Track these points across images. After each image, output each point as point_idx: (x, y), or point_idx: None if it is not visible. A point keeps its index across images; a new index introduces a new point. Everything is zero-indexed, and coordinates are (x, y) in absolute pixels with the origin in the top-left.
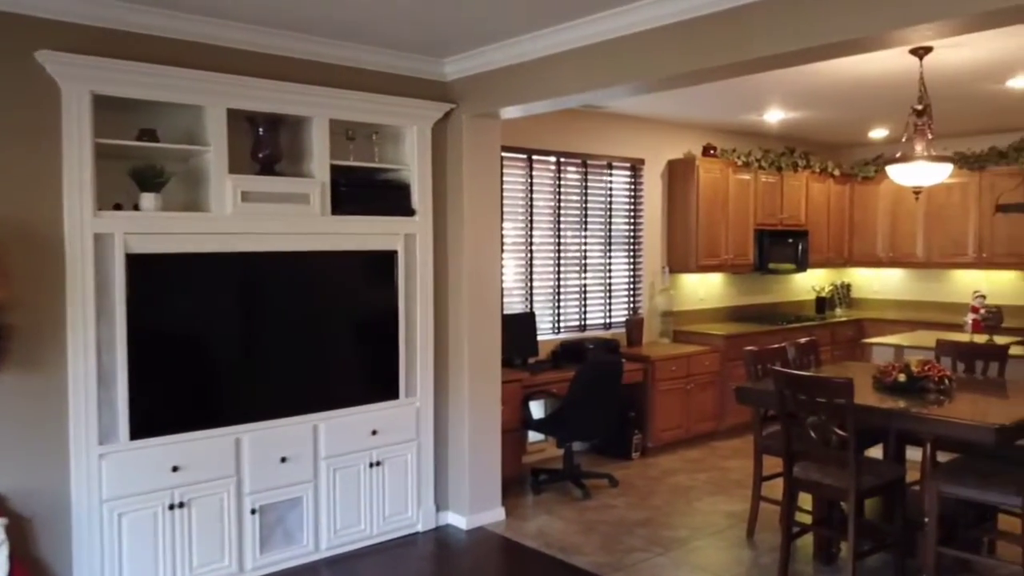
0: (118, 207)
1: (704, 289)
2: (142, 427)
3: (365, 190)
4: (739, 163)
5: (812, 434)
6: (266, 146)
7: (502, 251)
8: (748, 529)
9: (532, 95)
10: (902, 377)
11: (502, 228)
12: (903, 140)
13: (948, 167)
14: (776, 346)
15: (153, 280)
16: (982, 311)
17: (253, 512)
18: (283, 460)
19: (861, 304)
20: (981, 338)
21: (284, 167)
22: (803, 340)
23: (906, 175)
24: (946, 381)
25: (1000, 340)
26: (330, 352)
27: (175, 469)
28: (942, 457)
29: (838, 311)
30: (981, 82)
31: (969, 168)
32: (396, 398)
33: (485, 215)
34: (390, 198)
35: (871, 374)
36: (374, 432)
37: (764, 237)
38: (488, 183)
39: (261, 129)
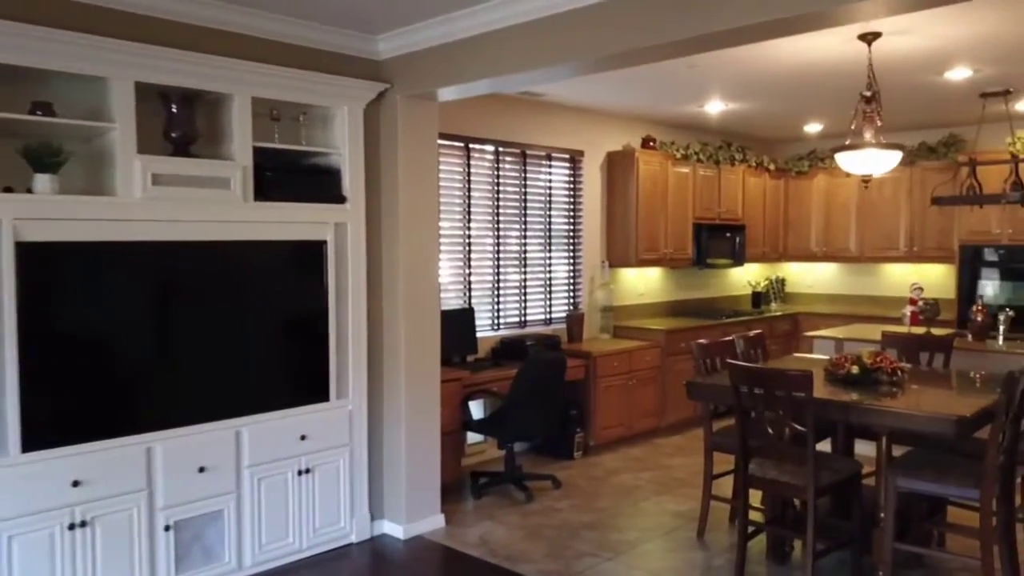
0: (8, 190)
1: (643, 284)
2: (36, 438)
3: (291, 175)
4: (678, 156)
5: (769, 430)
6: (180, 125)
7: (439, 243)
8: (699, 529)
9: (471, 74)
10: (855, 369)
11: (439, 218)
12: (852, 127)
13: (898, 154)
14: (725, 339)
15: (50, 272)
16: (920, 303)
17: (167, 529)
18: (201, 470)
19: (795, 299)
20: (919, 330)
21: (201, 148)
22: (751, 333)
23: (855, 163)
24: (899, 373)
25: (937, 332)
26: (254, 351)
27: (76, 484)
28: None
29: (773, 306)
30: (921, 73)
31: (900, 163)
32: (326, 400)
33: (422, 203)
34: (319, 184)
35: (822, 367)
36: (303, 437)
37: (702, 231)
38: (425, 169)
39: (175, 106)
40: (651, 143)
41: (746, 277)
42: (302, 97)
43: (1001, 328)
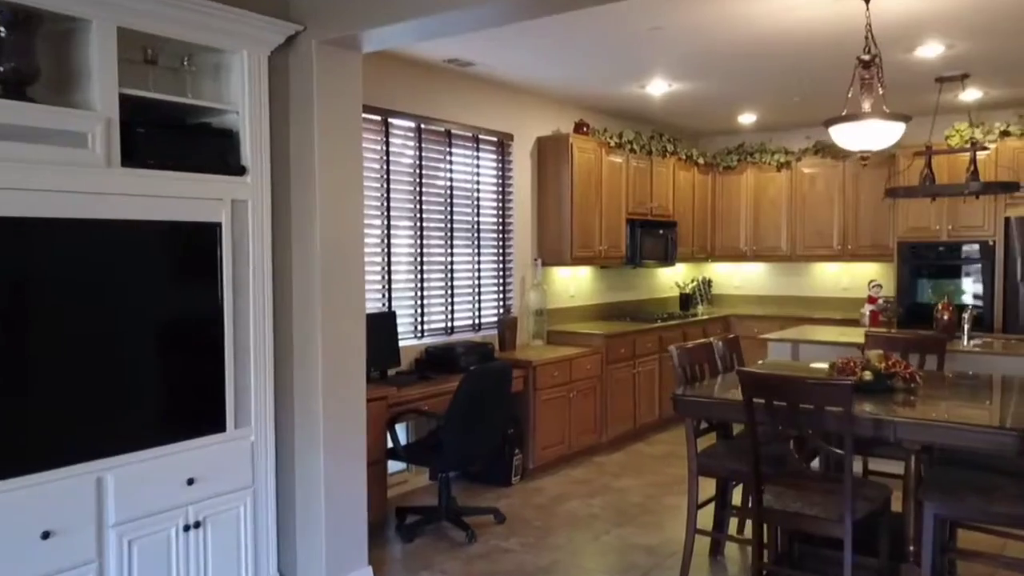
0: None
1: (574, 285)
2: None
3: (173, 135)
4: (612, 144)
5: (795, 453)
6: (12, 55)
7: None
8: (682, 569)
9: (406, 9)
10: (868, 375)
11: (364, 199)
12: (848, 95)
13: (901, 126)
14: (703, 342)
15: None
16: (880, 301)
17: None
18: (46, 536)
19: (721, 300)
20: (878, 330)
21: (44, 93)
22: (730, 336)
23: (852, 137)
24: (916, 379)
25: (895, 333)
26: (122, 369)
27: None
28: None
29: (700, 308)
30: (892, 49)
31: (833, 157)
32: (222, 430)
33: (344, 178)
34: (210, 149)
35: (822, 373)
36: (191, 481)
37: (636, 228)
38: (347, 137)
39: (3, 29)
40: (584, 128)
41: (672, 278)
42: (188, 34)
43: (966, 327)
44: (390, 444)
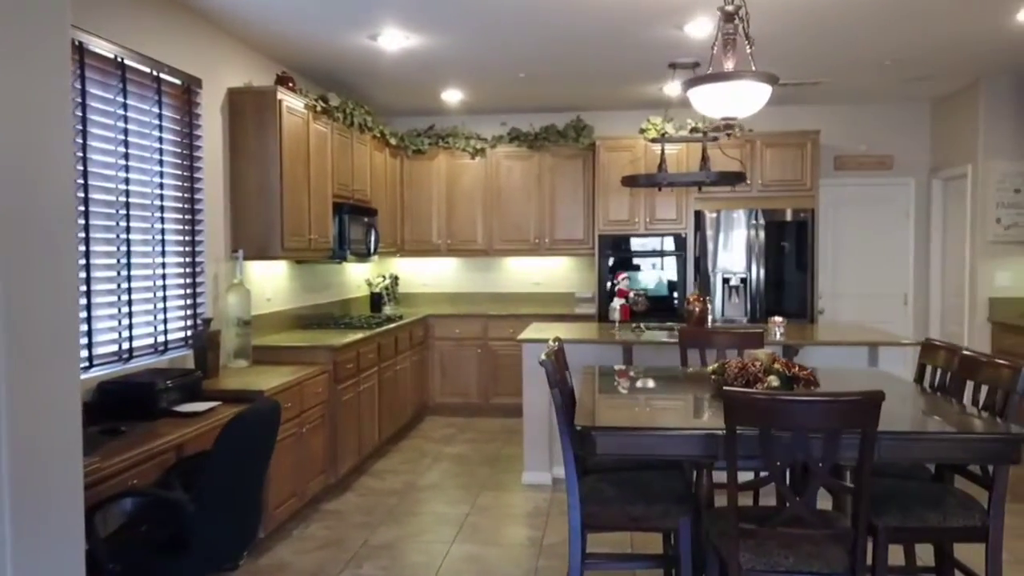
0: None
1: (272, 285)
2: None
3: None
4: (318, 109)
5: (794, 493)
6: None
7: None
8: None
9: None
10: (775, 382)
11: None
12: (713, 50)
13: (767, 88)
14: (556, 349)
15: None
16: (631, 295)
17: None
18: None
19: (410, 299)
20: (627, 325)
21: None
22: (553, 338)
23: (715, 101)
24: (816, 381)
25: (647, 326)
26: None
27: None
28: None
29: (389, 308)
30: (660, 23)
31: (529, 147)
32: None
33: (40, 80)
34: None
35: (688, 378)
36: None
37: (344, 214)
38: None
39: None
40: (290, 84)
41: (361, 276)
42: None
43: (710, 319)
44: (87, 546)
